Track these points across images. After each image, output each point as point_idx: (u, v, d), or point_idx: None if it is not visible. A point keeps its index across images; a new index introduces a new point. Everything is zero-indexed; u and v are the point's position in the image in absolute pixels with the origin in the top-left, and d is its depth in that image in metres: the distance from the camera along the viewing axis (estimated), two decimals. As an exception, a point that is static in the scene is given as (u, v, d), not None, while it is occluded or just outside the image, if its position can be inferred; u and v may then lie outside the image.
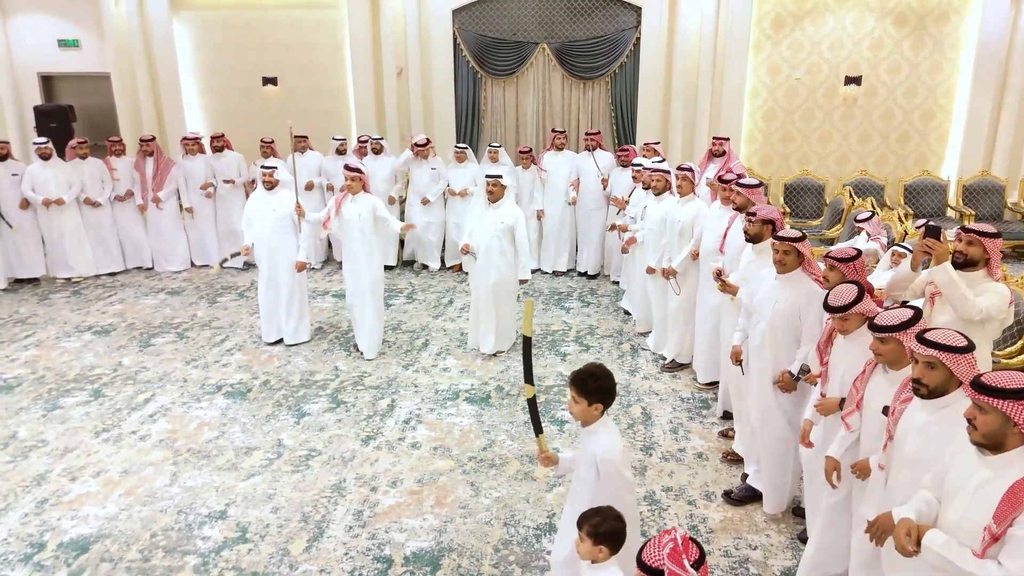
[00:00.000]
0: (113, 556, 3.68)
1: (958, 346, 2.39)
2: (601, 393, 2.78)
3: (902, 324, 2.69)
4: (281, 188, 6.06)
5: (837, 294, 3.13)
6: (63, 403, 5.34)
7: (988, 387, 2.08)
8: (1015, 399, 2.04)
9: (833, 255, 3.50)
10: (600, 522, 2.47)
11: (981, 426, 2.11)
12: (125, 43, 9.88)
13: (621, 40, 9.56)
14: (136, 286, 8.15)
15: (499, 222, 5.68)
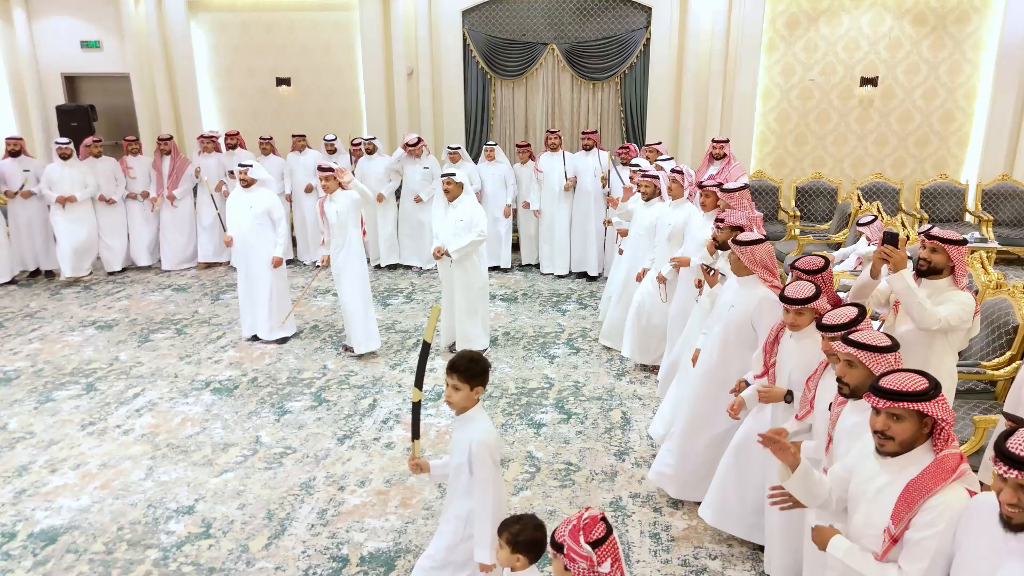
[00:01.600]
0: (79, 548, 3.76)
1: (877, 345, 2.34)
2: (483, 375, 2.80)
3: (847, 323, 2.63)
4: (259, 186, 6.13)
5: (796, 288, 3.10)
6: (56, 396, 5.48)
7: (895, 392, 2.02)
8: (924, 400, 2.00)
9: (799, 266, 3.42)
10: (520, 530, 2.45)
11: (899, 434, 2.06)
12: (144, 44, 10.09)
13: (631, 41, 9.47)
14: (145, 282, 8.32)
15: (458, 220, 5.65)
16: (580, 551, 1.89)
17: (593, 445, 4.74)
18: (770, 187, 9.33)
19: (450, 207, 5.70)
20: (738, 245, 3.77)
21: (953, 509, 1.92)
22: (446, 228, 5.72)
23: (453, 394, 2.79)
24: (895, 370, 2.14)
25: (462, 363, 2.78)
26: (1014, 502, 1.71)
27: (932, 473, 1.98)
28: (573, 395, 5.43)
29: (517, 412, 5.18)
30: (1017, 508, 1.71)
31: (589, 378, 5.72)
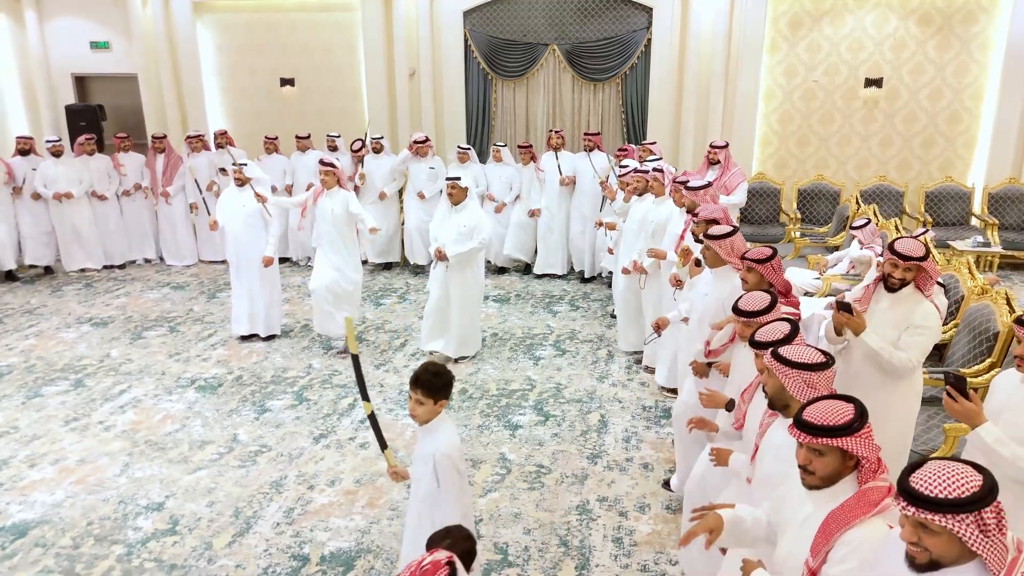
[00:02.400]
0: (47, 542, 3.82)
1: (806, 362, 2.28)
2: (446, 389, 2.80)
3: (779, 340, 2.58)
4: (253, 185, 6.16)
5: (750, 299, 3.06)
6: (44, 392, 5.56)
7: (817, 427, 1.93)
8: (846, 435, 1.92)
9: (749, 256, 3.40)
10: (451, 544, 2.44)
11: (820, 469, 1.97)
12: (151, 45, 10.22)
13: (632, 41, 9.42)
14: (144, 280, 8.43)
15: (461, 225, 5.62)
16: None
17: (567, 448, 4.71)
18: (771, 189, 9.23)
19: (453, 211, 5.65)
20: (712, 239, 3.76)
21: (869, 544, 1.82)
22: (447, 232, 5.67)
23: (416, 407, 2.79)
24: (821, 398, 2.04)
25: (426, 377, 2.76)
26: (914, 540, 1.60)
27: (852, 506, 1.88)
28: (553, 397, 5.41)
29: (495, 414, 5.17)
30: (918, 547, 1.60)
31: (572, 380, 5.69)
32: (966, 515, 1.51)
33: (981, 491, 1.52)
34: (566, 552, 3.72)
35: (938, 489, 1.53)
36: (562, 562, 3.65)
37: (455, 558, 1.93)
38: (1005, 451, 2.45)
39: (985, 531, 1.51)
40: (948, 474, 1.56)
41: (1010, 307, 4.30)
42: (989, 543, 1.52)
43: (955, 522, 1.52)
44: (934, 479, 1.55)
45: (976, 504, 1.51)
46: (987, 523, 1.51)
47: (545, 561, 3.66)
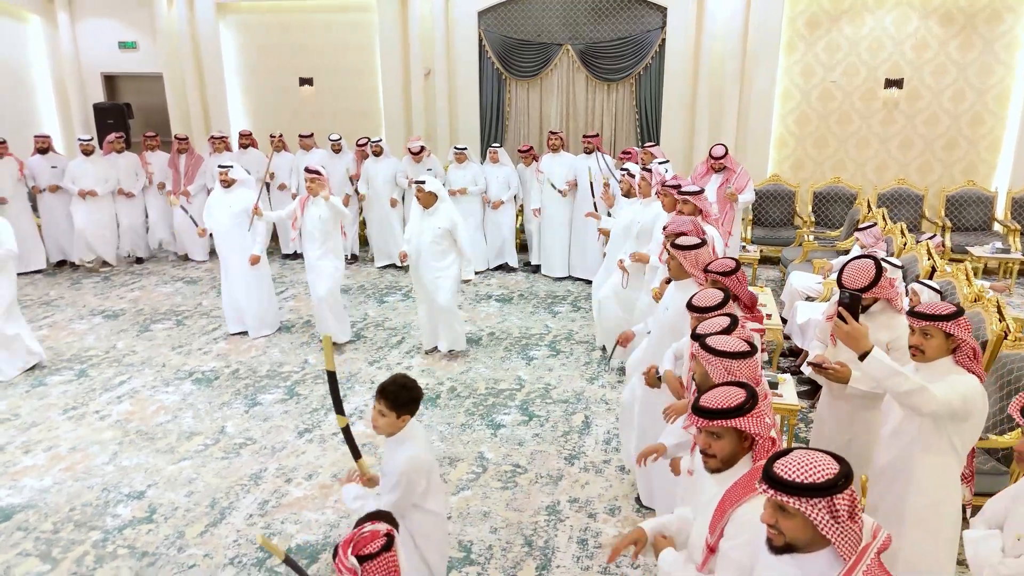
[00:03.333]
0: (30, 526, 3.95)
1: (728, 351, 2.29)
2: (412, 404, 2.76)
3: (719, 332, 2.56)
4: (239, 186, 6.28)
5: (704, 296, 3.05)
6: (48, 381, 5.75)
7: (711, 410, 2.01)
8: (738, 416, 1.98)
9: (712, 268, 3.35)
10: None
11: (719, 451, 2.06)
12: (176, 45, 10.47)
13: (646, 41, 9.35)
14: (160, 274, 8.65)
15: (435, 227, 5.64)
16: (346, 563, 1.87)
17: (547, 448, 4.71)
18: (785, 191, 9.08)
19: (425, 214, 5.68)
20: (678, 249, 3.72)
21: (757, 521, 1.84)
22: (420, 234, 5.71)
23: (379, 418, 2.77)
24: (716, 385, 2.10)
25: (392, 389, 2.73)
26: (772, 522, 1.68)
27: (744, 484, 1.95)
28: (541, 397, 5.41)
29: (480, 412, 5.19)
30: (774, 529, 1.68)
31: (561, 381, 5.68)
32: (819, 499, 1.59)
33: (835, 478, 1.60)
34: (529, 552, 3.72)
35: (795, 474, 1.62)
36: (524, 562, 3.65)
37: (394, 532, 1.97)
38: (891, 384, 2.45)
39: (836, 517, 1.59)
40: (807, 461, 1.64)
41: (1000, 315, 4.17)
42: (839, 528, 1.59)
43: (808, 505, 1.59)
44: (794, 465, 1.64)
45: (828, 490, 1.59)
46: (838, 509, 1.59)
47: (507, 560, 3.66)
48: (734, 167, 7.18)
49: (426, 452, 2.82)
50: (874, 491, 2.84)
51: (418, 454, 2.76)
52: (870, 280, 3.11)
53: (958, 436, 2.54)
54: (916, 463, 2.61)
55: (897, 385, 2.42)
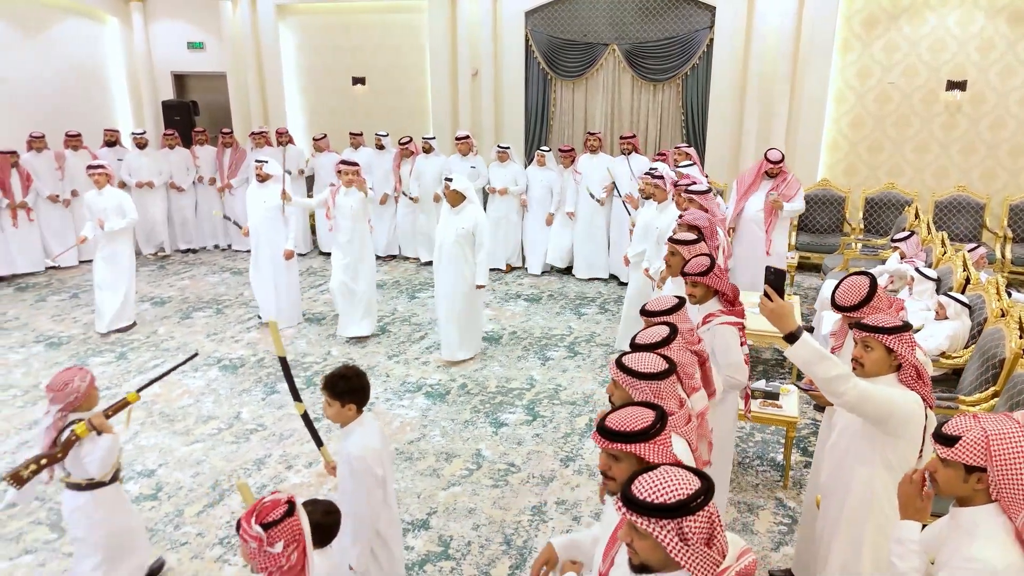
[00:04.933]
0: (46, 498, 4.21)
1: (640, 371, 2.20)
2: (352, 394, 2.83)
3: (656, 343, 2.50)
4: (273, 181, 6.50)
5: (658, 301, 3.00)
6: (90, 362, 6.11)
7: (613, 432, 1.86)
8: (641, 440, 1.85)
9: (688, 269, 3.29)
10: (309, 512, 2.54)
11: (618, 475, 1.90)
12: (239, 45, 10.92)
13: (694, 41, 9.18)
14: (211, 263, 9.05)
15: (459, 227, 5.67)
16: (250, 531, 1.96)
17: (544, 449, 4.71)
18: (835, 197, 8.75)
19: (452, 213, 5.75)
20: (678, 244, 3.66)
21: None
22: (445, 233, 5.77)
23: (327, 408, 2.89)
24: (624, 404, 1.97)
25: (331, 380, 2.85)
26: (628, 541, 1.62)
27: None
28: (549, 398, 5.41)
29: (485, 410, 5.23)
30: (632, 549, 1.62)
31: (573, 382, 5.66)
32: (667, 521, 1.52)
33: (686, 499, 1.52)
34: (506, 551, 3.74)
35: (647, 493, 1.55)
36: (499, 560, 3.67)
37: (295, 499, 2.05)
38: (818, 370, 2.38)
39: (685, 540, 1.52)
40: (664, 480, 1.57)
41: (1021, 331, 3.93)
42: (689, 552, 1.52)
43: (656, 527, 1.52)
44: (650, 484, 1.57)
45: (676, 512, 1.52)
46: (687, 533, 1.52)
47: (483, 558, 3.70)
48: (787, 174, 6.92)
49: (378, 443, 2.89)
50: (823, 505, 2.75)
51: (368, 443, 2.83)
52: (862, 298, 2.93)
53: (892, 452, 2.42)
54: (850, 476, 2.52)
55: (825, 370, 2.35)
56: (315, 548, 2.54)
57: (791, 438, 4.21)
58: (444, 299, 5.93)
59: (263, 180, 6.49)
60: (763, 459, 4.58)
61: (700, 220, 4.14)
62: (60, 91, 10.47)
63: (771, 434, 4.84)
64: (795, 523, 3.92)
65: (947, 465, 1.88)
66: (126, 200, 6.57)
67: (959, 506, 1.92)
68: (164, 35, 11.57)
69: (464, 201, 5.71)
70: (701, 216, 4.19)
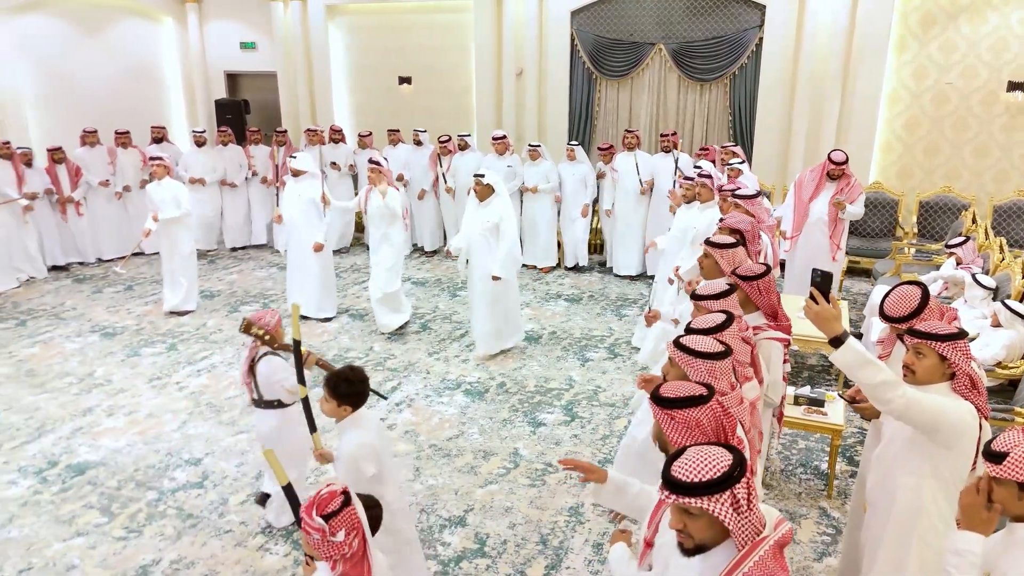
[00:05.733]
0: (99, 481, 4.37)
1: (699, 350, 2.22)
2: (351, 396, 2.92)
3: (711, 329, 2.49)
4: (307, 177, 6.61)
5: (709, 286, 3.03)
6: (142, 352, 6.30)
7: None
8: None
9: (739, 271, 3.24)
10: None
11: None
12: (290, 45, 11.13)
13: (742, 40, 9.03)
14: (258, 259, 9.25)
15: (485, 219, 5.70)
16: (312, 523, 2.01)
17: (582, 450, 4.69)
18: (887, 200, 8.51)
19: (480, 207, 5.78)
20: (713, 247, 3.61)
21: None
22: (472, 227, 5.81)
23: (324, 404, 2.97)
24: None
25: (333, 379, 2.93)
26: (680, 527, 1.66)
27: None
28: (588, 399, 5.38)
29: (524, 410, 5.23)
30: (684, 534, 1.66)
31: (612, 384, 5.62)
32: (720, 494, 1.57)
33: (729, 469, 1.58)
34: (542, 551, 3.74)
35: (693, 474, 1.59)
36: (534, 560, 3.67)
37: (350, 488, 2.11)
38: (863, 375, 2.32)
39: (737, 508, 1.58)
40: (701, 459, 1.62)
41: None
42: (740, 520, 1.58)
43: (711, 503, 1.57)
44: (690, 466, 1.61)
45: (727, 483, 1.57)
46: (739, 500, 1.58)
47: (518, 557, 3.70)
48: (850, 177, 6.75)
49: (376, 440, 2.95)
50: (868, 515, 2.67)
51: (364, 441, 2.90)
52: (912, 309, 2.80)
53: (943, 463, 2.34)
54: (897, 485, 2.44)
55: (870, 376, 2.29)
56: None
57: (836, 446, 4.11)
58: (476, 293, 5.96)
59: (296, 175, 6.62)
60: (807, 467, 4.48)
61: (742, 223, 4.07)
62: (118, 89, 10.82)
63: (815, 442, 4.73)
64: (839, 533, 3.83)
65: (999, 483, 1.82)
66: (182, 192, 6.92)
67: (1015, 522, 1.86)
68: (218, 35, 11.86)
69: (492, 195, 5.73)
70: (744, 219, 4.11)
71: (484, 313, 5.97)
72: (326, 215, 6.61)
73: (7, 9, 9.18)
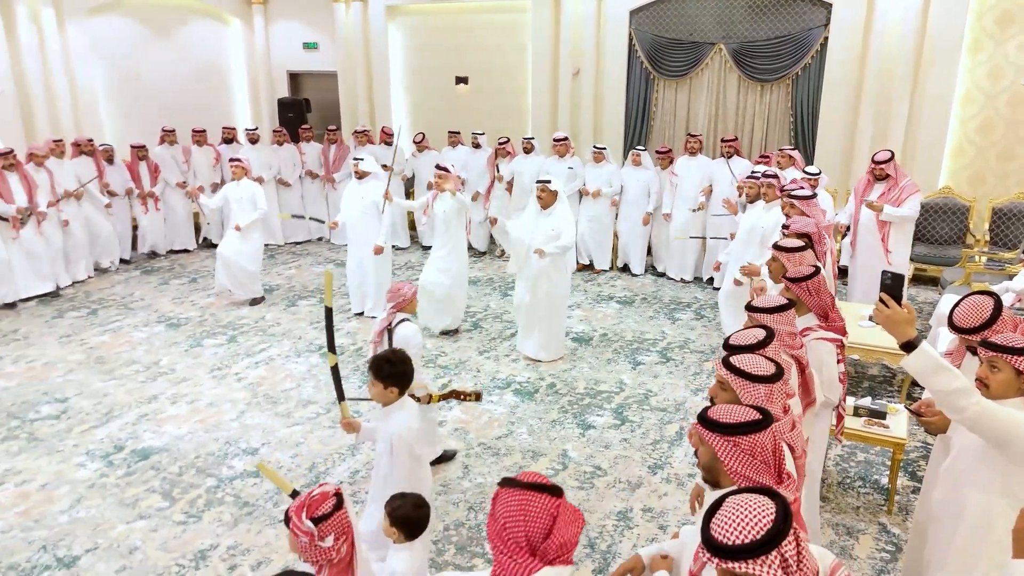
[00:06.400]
0: (161, 467, 4.53)
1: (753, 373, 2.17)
2: (394, 377, 2.95)
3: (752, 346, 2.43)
4: (371, 178, 6.70)
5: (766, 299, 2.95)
6: (204, 343, 6.50)
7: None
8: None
9: (788, 274, 3.17)
10: (399, 507, 2.61)
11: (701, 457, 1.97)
12: (350, 45, 11.33)
13: (807, 40, 8.81)
14: (316, 255, 9.45)
15: (550, 228, 5.63)
16: (301, 526, 1.98)
17: (632, 454, 4.65)
18: (957, 206, 8.19)
19: (541, 215, 5.72)
20: (780, 251, 3.55)
21: None
22: (535, 235, 5.72)
23: (371, 388, 3.03)
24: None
25: (376, 362, 3.00)
26: None
27: None
28: (638, 403, 5.33)
29: (573, 411, 5.21)
30: None
31: (664, 388, 5.56)
32: (767, 555, 1.42)
33: (774, 525, 1.44)
34: (589, 554, 3.72)
35: (735, 535, 1.45)
36: (581, 563, 3.65)
37: (342, 490, 2.11)
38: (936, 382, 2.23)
39: (787, 569, 1.43)
40: (743, 514, 1.47)
41: None
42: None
43: (758, 566, 1.42)
44: (732, 524, 1.47)
45: (773, 542, 1.43)
46: (788, 560, 1.43)
47: (565, 559, 3.68)
48: (898, 177, 6.54)
49: (417, 424, 3.02)
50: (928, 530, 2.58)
51: (408, 424, 2.97)
52: (984, 320, 2.71)
53: (1016, 480, 2.24)
54: (964, 502, 2.34)
55: (944, 383, 2.19)
56: (405, 541, 2.62)
57: (898, 460, 3.98)
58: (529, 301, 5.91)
59: (361, 177, 6.72)
60: (866, 480, 4.35)
61: (808, 227, 3.99)
62: (187, 88, 11.19)
63: (876, 455, 4.59)
64: (899, 551, 3.70)
65: None
66: (259, 192, 7.35)
67: None
68: (282, 36, 12.15)
69: (555, 202, 5.70)
70: (809, 223, 4.03)
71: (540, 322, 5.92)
72: (385, 212, 6.68)
73: (83, 11, 9.59)
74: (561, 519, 1.71)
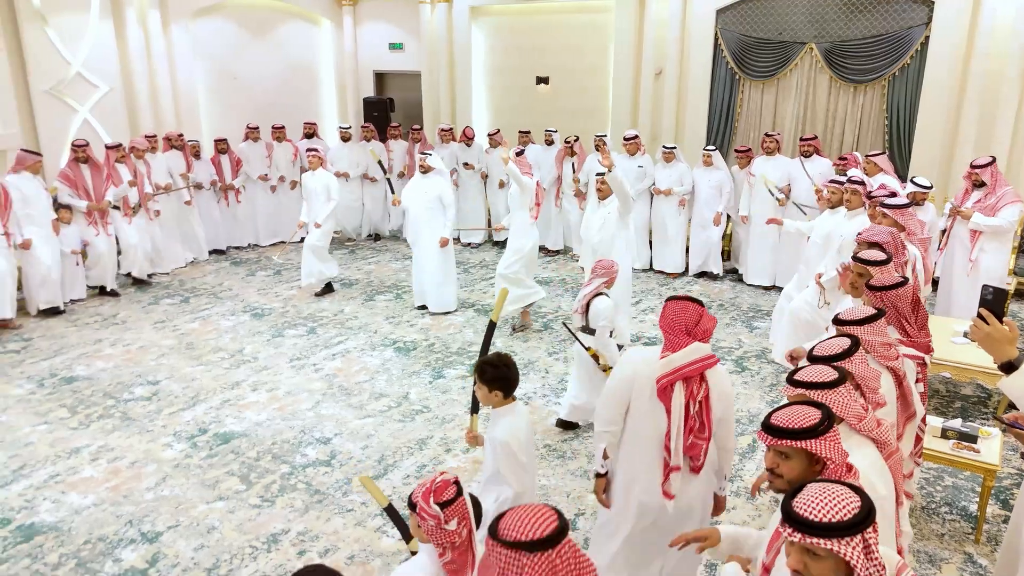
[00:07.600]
0: (240, 451, 4.72)
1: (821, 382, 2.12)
2: (498, 381, 2.94)
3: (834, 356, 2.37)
4: (435, 174, 6.79)
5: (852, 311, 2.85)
6: (286, 333, 6.75)
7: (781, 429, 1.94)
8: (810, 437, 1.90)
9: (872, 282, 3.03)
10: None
11: (787, 473, 1.97)
12: (434, 46, 11.51)
13: (906, 39, 8.39)
14: (395, 251, 9.66)
15: (605, 213, 5.73)
16: (429, 510, 2.06)
17: (702, 464, 4.53)
18: (1068, 217, 7.62)
19: (601, 206, 5.82)
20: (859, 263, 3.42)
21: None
22: (590, 227, 5.87)
23: (478, 391, 3.05)
24: (791, 404, 2.02)
25: (480, 365, 3.02)
26: (799, 568, 1.57)
27: None
28: (711, 412, 5.20)
29: (643, 417, 5.13)
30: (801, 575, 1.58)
31: (738, 399, 5.40)
32: (852, 536, 1.51)
33: (862, 511, 1.52)
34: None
35: (823, 513, 1.52)
36: (644, 572, 3.59)
37: (459, 478, 2.19)
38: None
39: (868, 553, 1.51)
40: (829, 497, 1.55)
41: None
42: (871, 565, 1.52)
43: (842, 545, 1.50)
44: (817, 503, 1.54)
45: (860, 526, 1.51)
46: (871, 544, 1.52)
47: (628, 567, 3.63)
48: (997, 185, 6.16)
49: (524, 432, 2.98)
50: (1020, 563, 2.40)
51: (514, 431, 2.93)
52: None
53: None
54: None
55: None
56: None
57: (988, 487, 3.74)
58: None
59: (425, 172, 6.84)
60: (952, 507, 4.11)
61: (880, 235, 3.79)
62: (278, 86, 11.62)
63: (964, 480, 4.33)
64: (985, 583, 3.48)
65: None
66: (332, 183, 7.63)
67: None
68: (369, 36, 12.46)
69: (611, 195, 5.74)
70: (882, 231, 3.83)
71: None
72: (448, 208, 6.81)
73: (187, 13, 10.09)
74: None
